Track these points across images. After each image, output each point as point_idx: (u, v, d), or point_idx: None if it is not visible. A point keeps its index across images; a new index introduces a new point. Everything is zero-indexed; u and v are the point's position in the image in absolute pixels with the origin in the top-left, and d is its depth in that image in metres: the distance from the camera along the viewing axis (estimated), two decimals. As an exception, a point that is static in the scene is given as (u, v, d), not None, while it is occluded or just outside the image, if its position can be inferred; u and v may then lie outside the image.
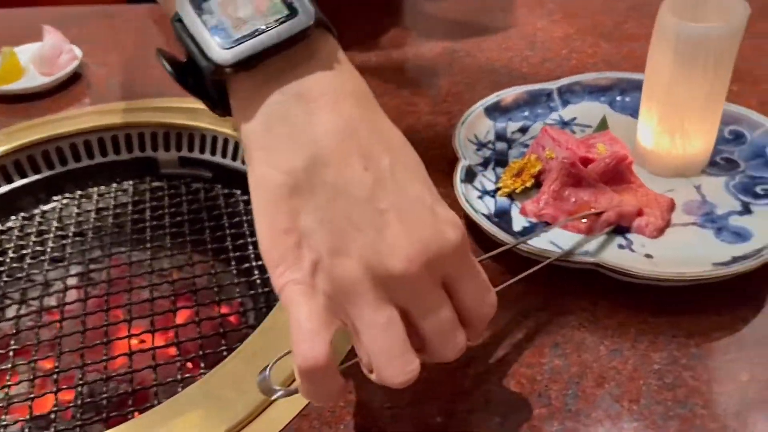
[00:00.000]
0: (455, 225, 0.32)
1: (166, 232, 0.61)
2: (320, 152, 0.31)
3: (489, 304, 0.35)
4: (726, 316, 0.45)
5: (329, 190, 0.31)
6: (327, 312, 0.31)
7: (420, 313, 0.32)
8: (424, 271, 0.31)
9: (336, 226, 0.31)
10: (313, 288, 0.31)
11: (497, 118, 0.62)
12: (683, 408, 0.40)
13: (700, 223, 0.50)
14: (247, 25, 0.32)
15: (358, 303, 0.31)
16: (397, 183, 0.32)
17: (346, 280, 0.30)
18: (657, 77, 0.52)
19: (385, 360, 0.31)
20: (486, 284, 0.35)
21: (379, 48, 0.79)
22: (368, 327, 0.31)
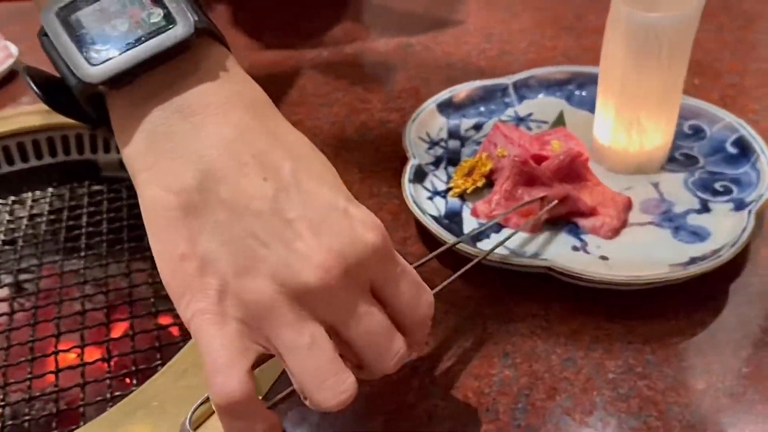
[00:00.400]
0: (373, 226, 0.30)
1: (102, 239, 0.58)
2: (211, 167, 0.28)
3: (425, 304, 0.32)
4: (683, 320, 0.43)
5: (227, 207, 0.28)
6: (241, 340, 0.28)
7: (347, 326, 0.29)
8: (344, 279, 0.28)
9: (240, 245, 0.28)
10: (223, 315, 0.28)
11: (450, 114, 0.59)
12: (637, 420, 0.38)
13: (658, 223, 0.48)
14: (118, 39, 0.29)
15: (276, 325, 0.28)
16: (303, 190, 0.29)
17: (258, 303, 0.28)
18: (611, 69, 0.49)
19: (315, 383, 0.29)
20: (418, 284, 0.32)
21: (331, 43, 0.76)
22: (291, 350, 0.28)
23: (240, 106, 0.30)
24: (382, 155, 0.59)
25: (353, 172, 0.57)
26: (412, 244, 0.50)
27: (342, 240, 0.28)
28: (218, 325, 0.28)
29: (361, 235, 0.29)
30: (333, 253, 0.28)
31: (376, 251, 0.29)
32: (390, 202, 0.54)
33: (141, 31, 0.29)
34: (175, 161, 0.29)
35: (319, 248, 0.28)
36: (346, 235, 0.28)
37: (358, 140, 0.61)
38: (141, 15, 0.30)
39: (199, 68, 0.30)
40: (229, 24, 0.82)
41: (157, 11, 0.30)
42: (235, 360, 0.28)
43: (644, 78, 0.48)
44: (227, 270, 0.28)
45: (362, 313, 0.29)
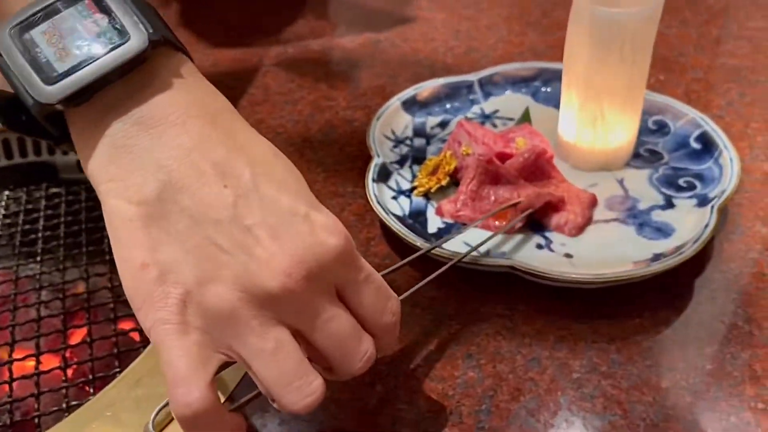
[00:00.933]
0: (335, 231, 0.30)
1: (60, 243, 0.56)
2: (171, 176, 0.29)
3: (390, 312, 0.32)
4: (647, 318, 0.43)
5: (187, 216, 0.28)
6: (203, 349, 0.28)
7: (313, 329, 0.29)
8: (306, 284, 0.28)
9: (200, 254, 0.28)
10: (183, 325, 0.28)
11: (416, 112, 0.58)
12: (602, 420, 0.38)
13: (622, 219, 0.48)
14: (72, 56, 0.29)
15: (239, 332, 0.28)
16: (263, 196, 0.29)
17: (220, 310, 0.27)
18: (575, 65, 0.49)
19: (282, 387, 0.29)
20: (384, 291, 0.32)
21: (296, 39, 0.75)
22: (256, 355, 0.28)
23: (199, 115, 0.30)
24: (346, 154, 0.58)
25: (317, 171, 0.56)
26: (376, 245, 0.49)
27: (303, 245, 0.28)
28: (178, 334, 0.28)
29: (323, 240, 0.29)
30: (294, 258, 0.28)
31: (338, 256, 0.29)
32: (355, 202, 0.53)
33: (95, 47, 0.29)
34: (135, 173, 0.29)
35: (280, 254, 0.28)
36: (307, 239, 0.28)
37: (322, 139, 0.60)
38: (95, 31, 0.29)
39: (157, 79, 0.30)
40: (191, 22, 0.80)
41: (110, 26, 0.29)
42: (196, 371, 0.27)
43: (607, 74, 0.48)
44: (188, 279, 0.28)
45: (327, 317, 0.29)
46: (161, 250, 0.28)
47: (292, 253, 0.28)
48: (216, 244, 0.28)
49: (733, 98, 0.62)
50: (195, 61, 0.33)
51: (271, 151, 0.31)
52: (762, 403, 0.38)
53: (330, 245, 0.29)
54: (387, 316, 0.32)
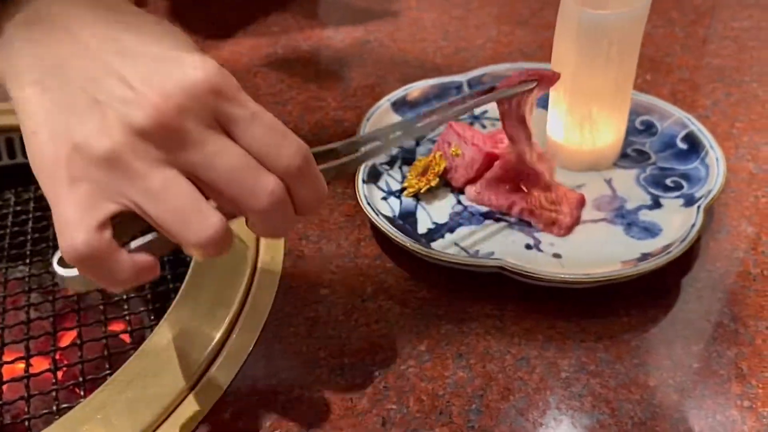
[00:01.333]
0: (205, 66, 0.29)
1: (49, 245, 0.56)
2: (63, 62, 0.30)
3: (288, 151, 0.30)
4: (635, 317, 0.43)
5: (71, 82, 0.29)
6: (92, 198, 0.28)
7: (200, 165, 0.29)
8: (178, 117, 0.28)
9: (81, 110, 0.29)
10: (71, 178, 0.29)
11: (405, 113, 0.58)
12: (590, 418, 0.38)
13: (610, 219, 0.48)
14: None
15: (125, 176, 0.28)
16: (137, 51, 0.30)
17: (103, 157, 0.28)
18: (562, 66, 0.49)
19: (178, 224, 0.29)
20: (278, 130, 0.30)
21: (286, 39, 0.75)
22: (146, 197, 0.29)
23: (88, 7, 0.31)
24: (337, 155, 0.58)
25: (307, 172, 0.56)
26: (366, 246, 0.49)
27: (170, 80, 0.29)
28: (67, 187, 0.28)
29: (190, 73, 0.29)
30: (162, 92, 0.28)
31: (210, 88, 0.29)
32: (344, 203, 0.53)
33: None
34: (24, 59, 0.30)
35: (149, 92, 0.28)
36: (174, 75, 0.29)
37: (312, 140, 0.59)
38: None
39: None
40: (180, 21, 0.80)
41: None
42: (82, 216, 0.28)
43: (595, 75, 0.48)
44: (72, 134, 0.28)
45: (212, 151, 0.29)
46: (49, 117, 0.29)
47: (159, 89, 0.28)
48: (94, 99, 0.29)
49: (719, 98, 0.63)
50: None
51: (153, 20, 0.32)
52: (748, 401, 0.38)
53: (198, 77, 0.29)
54: (284, 157, 0.30)
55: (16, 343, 0.48)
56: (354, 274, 0.47)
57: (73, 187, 0.28)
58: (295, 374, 0.41)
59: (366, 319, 0.44)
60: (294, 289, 0.46)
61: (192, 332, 0.42)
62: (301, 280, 0.47)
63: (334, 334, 0.43)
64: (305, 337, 0.43)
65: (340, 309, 0.45)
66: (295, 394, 0.40)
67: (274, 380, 0.41)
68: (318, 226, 0.51)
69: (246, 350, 0.42)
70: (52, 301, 0.51)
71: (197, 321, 0.43)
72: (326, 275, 0.47)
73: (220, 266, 0.47)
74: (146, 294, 0.51)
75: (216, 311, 0.44)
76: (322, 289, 0.46)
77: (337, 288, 0.46)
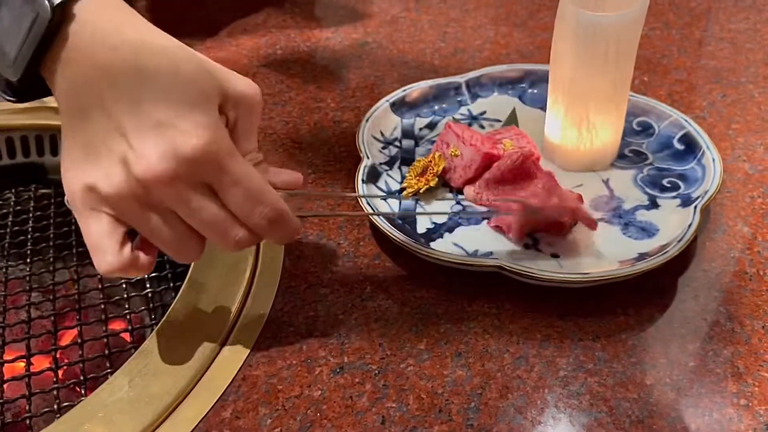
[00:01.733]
0: (198, 134, 0.34)
1: (50, 245, 0.56)
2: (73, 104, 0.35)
3: (259, 215, 0.37)
4: (632, 316, 0.44)
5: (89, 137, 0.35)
6: (110, 224, 0.36)
7: (185, 215, 0.36)
8: (170, 181, 0.34)
9: (95, 156, 0.35)
10: (93, 210, 0.36)
11: (404, 113, 0.59)
12: (588, 416, 0.38)
13: (608, 219, 0.49)
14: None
15: (130, 211, 0.36)
16: (140, 110, 0.34)
17: (113, 198, 0.35)
18: (561, 68, 0.50)
19: (171, 251, 0.37)
20: (254, 196, 0.36)
21: (286, 40, 0.76)
22: (145, 229, 0.36)
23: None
24: (335, 155, 0.59)
25: (307, 172, 0.57)
26: (366, 245, 0.50)
27: (166, 145, 0.34)
28: (88, 217, 0.36)
29: (184, 144, 0.34)
30: (157, 154, 0.34)
31: (199, 158, 0.34)
32: (345, 202, 0.53)
33: None
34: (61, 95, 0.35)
35: (151, 152, 0.34)
36: (170, 141, 0.34)
37: (311, 140, 0.61)
38: None
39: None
40: (179, 22, 0.80)
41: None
42: (107, 241, 0.36)
43: (592, 76, 0.48)
44: (86, 178, 0.35)
45: (195, 207, 0.35)
46: (75, 160, 0.36)
47: (157, 150, 0.34)
48: (109, 150, 0.34)
49: (715, 99, 0.63)
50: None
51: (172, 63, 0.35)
52: (744, 399, 0.39)
53: (189, 149, 0.34)
54: (256, 217, 0.37)
55: (16, 341, 0.48)
56: (353, 274, 0.48)
57: (92, 217, 0.36)
58: (295, 373, 0.41)
59: (365, 318, 0.44)
60: (294, 289, 0.47)
61: (192, 331, 0.43)
62: (301, 280, 0.47)
63: (333, 333, 0.43)
64: (305, 336, 0.43)
65: (339, 308, 0.45)
66: (295, 392, 0.40)
67: (274, 379, 0.41)
68: (318, 225, 0.52)
69: (247, 349, 0.42)
70: (53, 300, 0.51)
71: (198, 320, 0.43)
72: (326, 274, 0.48)
73: (221, 265, 0.47)
74: (147, 293, 0.51)
75: (216, 310, 0.44)
76: (321, 288, 0.47)
77: (337, 287, 0.47)
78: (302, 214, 0.41)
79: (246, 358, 0.42)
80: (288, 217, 0.38)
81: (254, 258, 0.48)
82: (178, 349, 0.42)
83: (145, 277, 0.52)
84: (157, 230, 0.36)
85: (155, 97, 0.34)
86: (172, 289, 0.51)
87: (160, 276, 0.53)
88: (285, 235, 0.39)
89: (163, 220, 0.36)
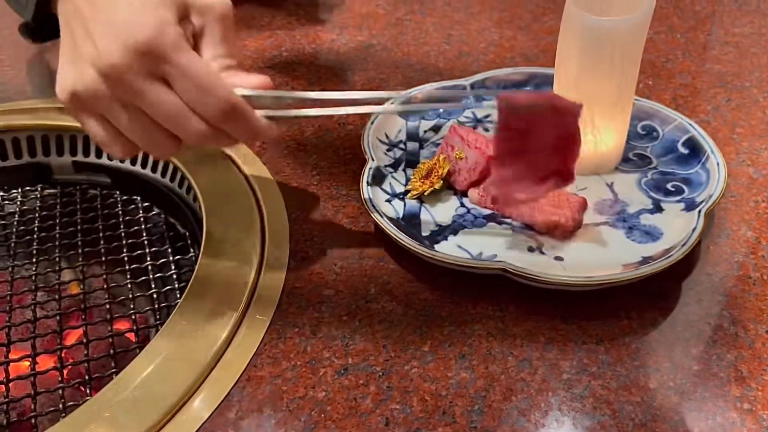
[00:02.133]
0: (143, 29, 0.37)
1: (56, 244, 0.56)
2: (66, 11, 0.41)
3: (211, 104, 0.38)
4: (635, 319, 0.44)
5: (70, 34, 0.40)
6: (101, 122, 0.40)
7: (145, 106, 0.39)
8: (126, 70, 0.37)
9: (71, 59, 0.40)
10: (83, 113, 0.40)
11: (409, 116, 0.59)
12: (591, 419, 0.38)
13: (612, 223, 0.49)
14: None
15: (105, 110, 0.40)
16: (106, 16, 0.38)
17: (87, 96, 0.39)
18: (566, 71, 0.50)
19: (141, 143, 0.41)
20: (204, 86, 0.38)
21: (291, 42, 0.76)
22: (120, 125, 0.40)
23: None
24: (340, 157, 0.59)
25: (312, 174, 0.57)
26: (371, 247, 0.50)
27: (121, 44, 0.37)
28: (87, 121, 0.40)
29: (129, 38, 0.37)
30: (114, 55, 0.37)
31: (143, 49, 0.37)
32: (349, 204, 0.54)
33: None
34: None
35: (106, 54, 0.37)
36: (123, 40, 0.37)
37: (316, 142, 0.61)
38: None
39: None
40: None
41: None
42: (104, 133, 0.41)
43: (597, 80, 0.49)
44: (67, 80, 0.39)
45: (152, 99, 0.38)
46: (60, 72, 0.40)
47: (112, 50, 0.37)
48: (79, 53, 0.39)
49: (720, 103, 0.63)
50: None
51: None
52: (747, 404, 0.39)
53: (132, 41, 0.37)
54: (209, 108, 0.38)
55: (22, 341, 0.48)
56: (358, 275, 0.48)
57: (85, 119, 0.40)
58: (300, 374, 0.41)
59: (369, 320, 0.45)
60: (298, 290, 0.47)
61: (197, 332, 0.43)
62: (305, 281, 0.47)
63: (338, 334, 0.44)
64: (310, 337, 0.44)
65: (344, 309, 0.45)
66: (299, 394, 0.40)
67: (278, 380, 0.41)
68: (322, 228, 0.52)
69: (251, 350, 0.43)
70: (58, 300, 0.51)
71: (202, 321, 0.44)
72: (330, 276, 0.48)
73: (226, 266, 0.47)
74: (152, 293, 0.51)
75: (221, 311, 0.44)
76: (326, 289, 0.47)
77: (341, 289, 0.47)
78: (269, 114, 0.41)
79: (251, 359, 0.42)
80: (243, 110, 0.40)
81: (259, 258, 0.48)
82: (183, 349, 0.42)
83: (150, 277, 0.52)
84: (129, 126, 0.40)
85: (118, 4, 0.38)
86: (177, 290, 0.51)
87: (165, 276, 0.53)
88: (246, 131, 0.41)
89: (131, 116, 0.39)
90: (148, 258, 0.54)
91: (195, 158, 0.57)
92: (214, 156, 0.58)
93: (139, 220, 0.58)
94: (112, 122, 0.40)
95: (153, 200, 0.61)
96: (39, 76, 0.74)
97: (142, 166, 0.62)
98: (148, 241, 0.56)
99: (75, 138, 0.63)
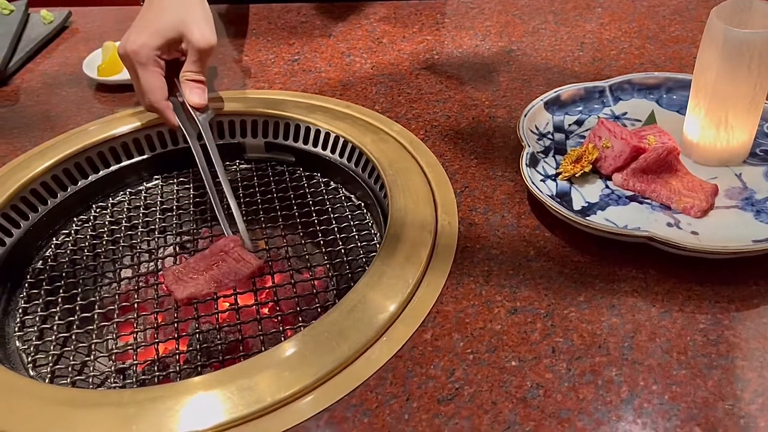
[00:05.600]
0: (130, 43, 0.66)
1: (258, 209, 0.69)
2: None
3: (145, 99, 0.68)
4: (763, 285, 0.52)
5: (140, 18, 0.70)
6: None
7: (133, 80, 0.69)
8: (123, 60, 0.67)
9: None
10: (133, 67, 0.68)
11: (555, 111, 0.68)
12: (725, 360, 0.47)
13: (741, 207, 0.57)
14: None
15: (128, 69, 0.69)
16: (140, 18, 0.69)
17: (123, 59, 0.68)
18: (705, 76, 0.58)
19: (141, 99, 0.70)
20: (145, 88, 0.67)
21: (440, 47, 0.87)
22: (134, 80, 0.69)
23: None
24: (493, 145, 0.69)
25: (470, 158, 0.67)
26: (526, 218, 0.59)
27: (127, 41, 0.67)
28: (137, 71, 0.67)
29: (122, 43, 0.67)
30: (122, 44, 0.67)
31: (122, 53, 0.66)
32: (505, 183, 0.63)
33: None
34: None
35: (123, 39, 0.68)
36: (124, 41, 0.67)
37: (471, 132, 0.71)
38: None
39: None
40: (348, 31, 0.92)
41: None
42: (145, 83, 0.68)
43: (735, 84, 0.56)
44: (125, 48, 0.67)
45: (133, 79, 0.69)
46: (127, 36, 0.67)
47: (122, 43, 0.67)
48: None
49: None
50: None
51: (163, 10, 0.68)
52: None
53: (120, 47, 0.66)
54: (145, 102, 0.68)
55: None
56: (518, 240, 0.57)
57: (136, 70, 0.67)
58: (478, 311, 0.51)
59: (531, 275, 0.54)
60: (469, 249, 0.57)
61: (395, 274, 0.53)
62: (473, 242, 0.57)
63: (506, 284, 0.53)
64: (483, 285, 0.53)
65: (509, 266, 0.55)
66: (479, 325, 0.50)
67: (462, 314, 0.51)
68: (483, 201, 0.62)
69: (437, 291, 0.53)
70: (267, 251, 0.64)
71: (398, 267, 0.54)
72: (495, 239, 0.58)
73: (410, 230, 0.58)
74: (339, 249, 0.62)
75: (410, 261, 0.55)
76: (492, 250, 0.57)
77: (505, 250, 0.57)
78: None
79: (438, 297, 0.52)
80: (159, 109, 0.67)
81: (434, 223, 0.59)
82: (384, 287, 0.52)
83: (336, 236, 0.64)
84: (135, 86, 0.68)
85: (144, 17, 0.67)
86: (360, 247, 0.62)
87: (347, 237, 0.64)
88: (164, 119, 0.68)
89: (135, 82, 0.68)
90: (333, 221, 0.66)
91: (372, 140, 0.69)
92: (389, 141, 0.69)
93: (321, 191, 0.70)
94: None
95: (330, 176, 0.73)
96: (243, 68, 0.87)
97: (322, 148, 0.74)
98: (332, 208, 0.68)
99: (267, 123, 0.75)
